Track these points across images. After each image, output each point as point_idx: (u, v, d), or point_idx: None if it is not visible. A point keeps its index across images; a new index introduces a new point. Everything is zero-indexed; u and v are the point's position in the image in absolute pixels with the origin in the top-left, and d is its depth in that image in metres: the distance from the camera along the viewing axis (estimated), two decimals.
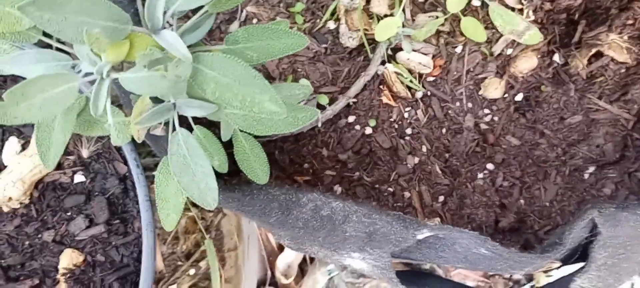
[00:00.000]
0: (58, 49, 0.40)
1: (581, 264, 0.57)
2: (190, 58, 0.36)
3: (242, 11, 0.64)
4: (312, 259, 0.83)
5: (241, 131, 0.48)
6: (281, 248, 0.83)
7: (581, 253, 0.58)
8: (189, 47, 0.37)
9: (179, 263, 0.82)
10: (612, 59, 0.64)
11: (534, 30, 0.60)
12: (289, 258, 0.82)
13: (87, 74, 0.38)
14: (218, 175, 0.43)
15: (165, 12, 0.37)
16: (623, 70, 0.65)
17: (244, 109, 0.39)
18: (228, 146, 0.49)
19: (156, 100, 0.40)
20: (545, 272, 0.58)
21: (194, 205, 0.84)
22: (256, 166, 0.49)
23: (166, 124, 0.42)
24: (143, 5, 0.37)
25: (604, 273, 0.60)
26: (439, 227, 0.49)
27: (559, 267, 0.58)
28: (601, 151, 0.64)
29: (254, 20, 0.64)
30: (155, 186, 0.44)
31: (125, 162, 0.57)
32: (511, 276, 0.85)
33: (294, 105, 0.45)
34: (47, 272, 0.54)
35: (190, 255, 0.83)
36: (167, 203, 0.44)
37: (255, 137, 0.49)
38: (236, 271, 0.81)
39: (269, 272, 0.84)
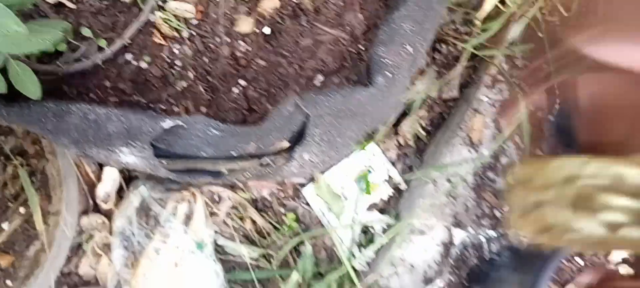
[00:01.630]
0: None
1: None
2: None
3: None
4: (127, 185, 0.99)
5: (13, 59, 0.63)
6: (99, 180, 0.98)
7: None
8: None
9: (9, 204, 0.94)
10: None
11: None
12: (107, 188, 0.97)
13: None
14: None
15: None
16: (341, 3, 0.87)
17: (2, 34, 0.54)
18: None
19: None
20: (274, 154, 0.78)
21: (18, 154, 0.96)
22: (29, 85, 0.64)
23: None
24: None
25: (325, 147, 0.82)
26: (177, 117, 0.67)
27: (287, 147, 0.79)
28: (326, 63, 0.85)
29: None
30: None
31: None
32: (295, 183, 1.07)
33: (42, 30, 0.60)
34: None
35: (17, 197, 0.95)
36: None
37: (36, 72, 0.64)
38: (60, 205, 0.94)
39: (91, 202, 0.98)
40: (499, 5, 1.04)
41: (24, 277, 0.93)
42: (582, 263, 0.82)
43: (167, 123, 0.67)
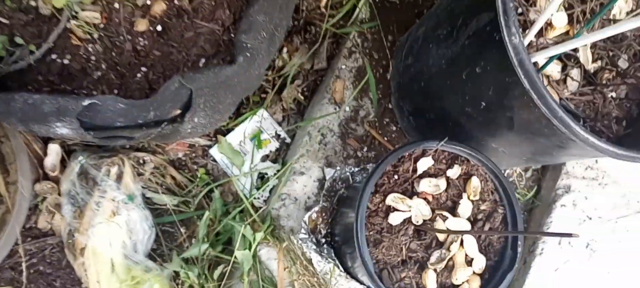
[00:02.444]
0: None
1: None
2: None
3: None
4: (68, 156, 1.27)
5: None
6: (45, 154, 1.26)
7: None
8: None
9: None
10: None
11: None
12: (52, 160, 1.26)
13: None
14: None
15: None
16: (213, 3, 1.17)
17: None
18: None
19: None
20: (172, 121, 1.08)
21: None
22: None
23: None
24: None
25: (208, 113, 1.12)
26: (93, 96, 0.97)
27: (180, 113, 1.09)
28: (206, 50, 1.15)
29: None
30: None
31: None
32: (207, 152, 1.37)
33: None
34: None
35: None
36: None
37: None
38: (16, 176, 1.22)
39: (41, 171, 1.27)
40: None
41: None
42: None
43: (86, 101, 0.96)
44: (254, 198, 1.35)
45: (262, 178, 1.39)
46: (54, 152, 1.26)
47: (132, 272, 1.22)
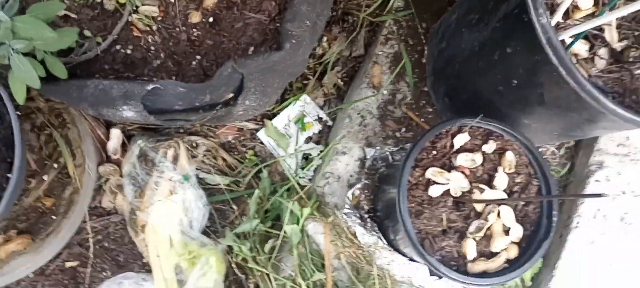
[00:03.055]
0: None
1: None
2: (9, 21, 0.90)
3: None
4: (129, 139, 1.38)
5: (49, 54, 1.02)
6: (108, 138, 1.37)
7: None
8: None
9: (46, 162, 1.34)
10: None
11: None
12: (114, 144, 1.37)
13: None
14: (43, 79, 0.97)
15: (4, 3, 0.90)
16: None
17: (40, 39, 0.93)
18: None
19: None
20: (224, 103, 1.17)
21: (46, 126, 1.35)
22: (58, 70, 1.03)
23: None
24: None
25: (258, 96, 1.21)
26: (155, 81, 1.06)
27: (232, 96, 1.18)
28: (254, 38, 1.24)
29: None
30: (10, 82, 0.97)
31: None
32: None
33: (62, 34, 0.99)
34: None
35: (51, 156, 1.35)
36: (19, 87, 0.97)
37: (66, 64, 1.03)
38: (82, 159, 1.34)
39: (104, 155, 1.38)
40: None
41: (63, 212, 1.33)
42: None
43: (150, 86, 1.06)
44: (300, 177, 1.44)
45: (306, 158, 1.48)
46: (115, 136, 1.37)
47: (188, 247, 1.32)
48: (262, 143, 1.48)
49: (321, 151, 1.44)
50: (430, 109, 1.46)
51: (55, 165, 1.34)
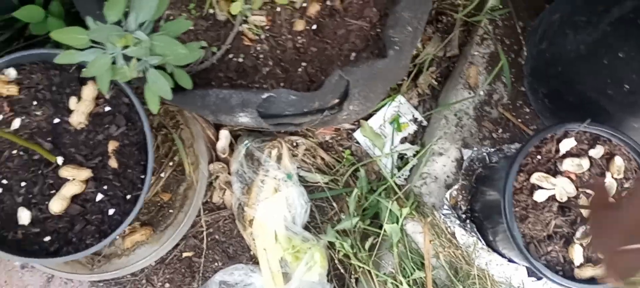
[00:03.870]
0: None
1: None
2: (149, 40, 0.99)
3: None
4: (235, 139, 1.48)
5: (177, 67, 1.12)
6: (217, 139, 1.47)
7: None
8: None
9: (162, 160, 1.45)
10: None
11: None
12: (223, 144, 1.47)
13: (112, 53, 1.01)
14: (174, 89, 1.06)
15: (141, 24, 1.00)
16: (361, 2, 1.30)
17: (173, 54, 1.02)
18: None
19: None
20: (330, 108, 1.23)
21: (162, 127, 1.46)
22: (185, 81, 1.13)
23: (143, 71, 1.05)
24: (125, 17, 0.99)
25: (361, 101, 1.26)
26: (269, 90, 1.14)
27: (338, 102, 1.24)
28: (356, 45, 1.29)
29: (171, 17, 1.27)
30: (145, 93, 1.07)
31: (127, 95, 1.20)
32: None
33: (190, 48, 1.08)
34: (103, 154, 1.17)
35: (167, 155, 1.46)
36: (153, 98, 1.07)
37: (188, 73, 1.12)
38: (195, 158, 1.44)
39: (213, 154, 1.48)
40: None
41: (179, 206, 1.44)
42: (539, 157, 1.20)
43: (265, 94, 1.13)
44: (396, 177, 1.48)
45: (402, 158, 1.52)
46: (224, 136, 1.46)
47: (292, 241, 1.40)
48: (358, 143, 1.54)
49: (417, 151, 1.48)
50: (528, 109, 1.46)
51: (171, 163, 1.45)
